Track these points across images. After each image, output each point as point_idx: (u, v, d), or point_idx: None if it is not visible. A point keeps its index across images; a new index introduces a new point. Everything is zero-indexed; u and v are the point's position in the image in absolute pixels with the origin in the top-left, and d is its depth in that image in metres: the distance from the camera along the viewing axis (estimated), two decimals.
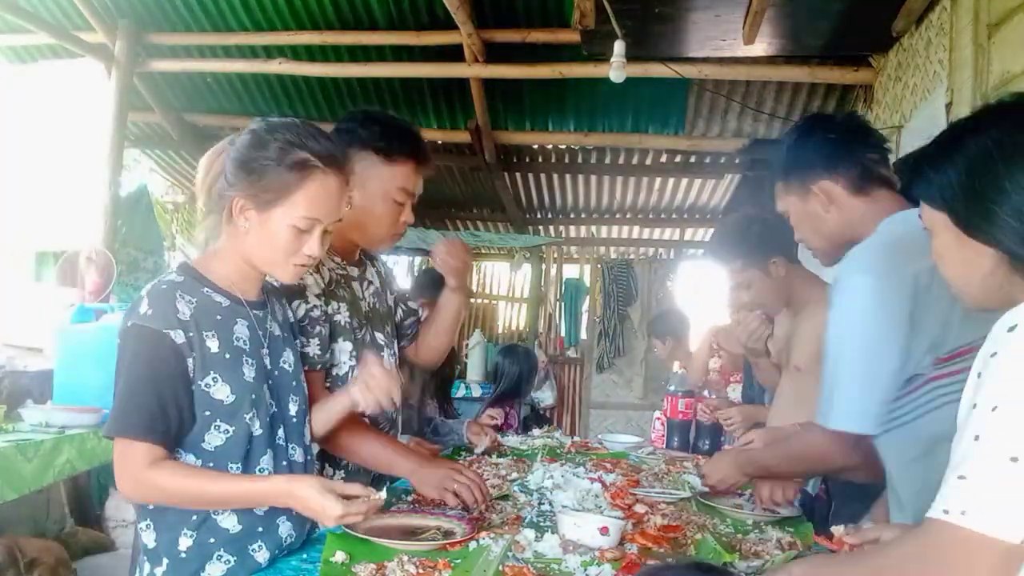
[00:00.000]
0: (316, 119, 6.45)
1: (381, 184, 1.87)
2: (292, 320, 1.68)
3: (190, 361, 1.39)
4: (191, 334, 1.39)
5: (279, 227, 1.43)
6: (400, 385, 1.62)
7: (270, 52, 5.67)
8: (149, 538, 1.44)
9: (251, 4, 5.28)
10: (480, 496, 1.74)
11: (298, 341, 1.68)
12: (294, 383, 1.58)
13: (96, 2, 5.52)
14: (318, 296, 1.79)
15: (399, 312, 2.19)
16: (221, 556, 1.43)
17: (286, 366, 1.57)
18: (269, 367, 1.52)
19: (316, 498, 1.36)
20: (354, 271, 2.00)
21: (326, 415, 1.66)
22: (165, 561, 1.42)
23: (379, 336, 2.00)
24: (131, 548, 3.44)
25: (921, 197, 1.16)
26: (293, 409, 1.57)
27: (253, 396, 1.45)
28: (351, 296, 1.93)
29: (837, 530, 1.34)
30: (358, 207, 1.75)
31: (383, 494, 1.46)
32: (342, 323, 1.86)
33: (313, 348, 1.76)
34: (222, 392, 1.42)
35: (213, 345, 1.41)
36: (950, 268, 1.13)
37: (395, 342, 2.12)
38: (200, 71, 6.06)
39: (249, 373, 1.46)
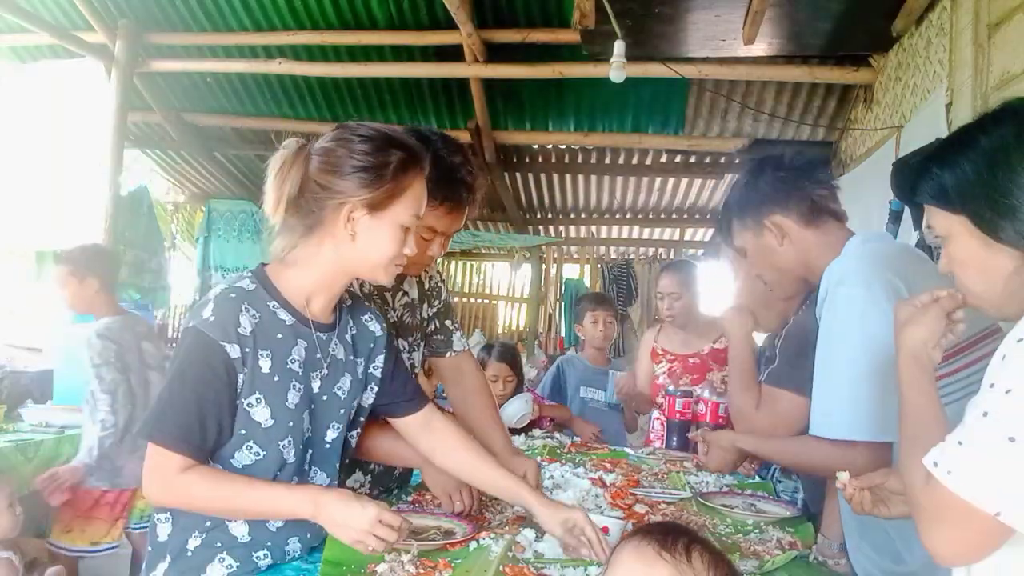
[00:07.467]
0: (316, 119, 6.48)
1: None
2: (373, 341, 1.63)
3: (240, 377, 1.37)
4: (247, 350, 1.37)
5: (392, 228, 1.42)
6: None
7: (270, 52, 5.67)
8: (163, 531, 1.45)
9: (251, 4, 5.28)
10: (472, 503, 1.81)
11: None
12: (341, 410, 1.55)
13: (96, 2, 5.52)
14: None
15: (431, 325, 2.15)
16: (224, 560, 1.43)
17: (339, 392, 1.53)
18: (317, 391, 1.49)
19: (342, 508, 1.34)
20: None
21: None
22: (168, 557, 1.43)
23: (401, 343, 2.00)
24: (131, 548, 3.45)
25: (932, 201, 1.11)
26: (331, 436, 1.54)
27: (291, 423, 1.43)
28: (380, 304, 1.94)
29: (842, 475, 1.34)
30: None
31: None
32: None
33: None
34: (262, 415, 1.40)
35: (265, 365, 1.39)
36: (971, 274, 1.08)
37: (418, 350, 2.09)
38: (200, 71, 6.06)
39: (293, 399, 1.43)
